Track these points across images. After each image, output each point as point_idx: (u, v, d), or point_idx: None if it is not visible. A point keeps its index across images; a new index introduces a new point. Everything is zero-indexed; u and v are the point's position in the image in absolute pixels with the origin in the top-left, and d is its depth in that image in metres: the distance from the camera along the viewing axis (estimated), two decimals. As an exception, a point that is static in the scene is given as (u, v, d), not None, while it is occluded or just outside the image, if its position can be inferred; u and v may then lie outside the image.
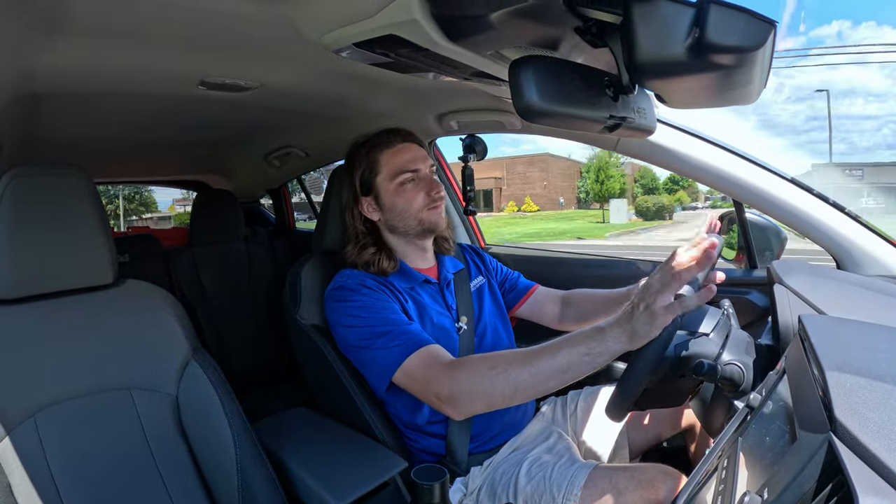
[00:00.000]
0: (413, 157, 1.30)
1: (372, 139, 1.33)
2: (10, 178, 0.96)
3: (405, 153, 1.30)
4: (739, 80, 0.65)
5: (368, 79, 1.31)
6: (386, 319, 1.15)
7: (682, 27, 0.57)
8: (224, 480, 1.04)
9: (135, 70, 1.15)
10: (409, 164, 1.29)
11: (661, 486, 1.00)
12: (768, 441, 0.60)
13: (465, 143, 1.74)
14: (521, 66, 0.68)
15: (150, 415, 1.04)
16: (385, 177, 1.29)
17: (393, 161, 1.29)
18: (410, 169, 1.29)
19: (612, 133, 0.82)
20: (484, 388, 0.97)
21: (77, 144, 1.85)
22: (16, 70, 1.04)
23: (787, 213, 1.31)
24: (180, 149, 2.31)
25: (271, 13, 0.89)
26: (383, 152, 1.30)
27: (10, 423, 0.92)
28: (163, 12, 0.88)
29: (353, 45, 0.92)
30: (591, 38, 0.75)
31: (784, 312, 0.94)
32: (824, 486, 0.43)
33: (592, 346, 0.89)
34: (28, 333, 0.98)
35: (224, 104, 1.49)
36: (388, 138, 1.32)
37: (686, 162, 1.36)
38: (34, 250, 0.98)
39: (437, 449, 1.25)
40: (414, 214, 1.29)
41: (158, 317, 1.12)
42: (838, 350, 0.59)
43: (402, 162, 1.29)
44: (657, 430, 1.37)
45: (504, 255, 2.02)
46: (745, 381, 0.86)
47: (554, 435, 1.30)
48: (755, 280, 1.52)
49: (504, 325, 1.44)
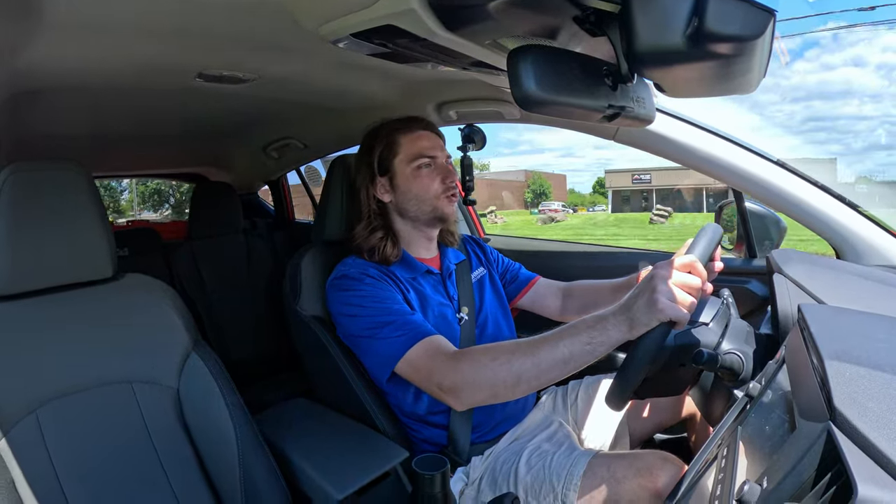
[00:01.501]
0: (432, 145, 1.31)
1: (393, 122, 1.34)
2: (8, 174, 0.96)
3: (425, 140, 1.31)
4: (739, 70, 0.64)
5: (367, 69, 1.31)
6: (389, 309, 1.16)
7: (681, 16, 0.57)
8: (226, 472, 1.05)
9: (132, 64, 1.14)
10: (427, 150, 1.30)
11: (660, 473, 1.01)
12: (768, 430, 0.60)
13: (463, 134, 1.74)
14: (520, 56, 0.67)
15: (152, 408, 1.05)
16: (403, 159, 1.30)
17: (413, 145, 1.30)
18: (429, 155, 1.29)
19: (611, 122, 0.81)
20: (487, 379, 0.97)
21: (75, 139, 1.84)
22: (12, 66, 1.03)
23: (786, 203, 1.31)
24: (178, 141, 2.29)
25: (269, 4, 0.88)
26: (404, 135, 1.31)
27: (12, 418, 0.93)
28: (159, 5, 0.87)
29: (350, 35, 0.92)
30: (589, 27, 0.75)
31: (783, 302, 0.94)
32: (823, 474, 0.43)
33: (594, 335, 0.89)
34: (28, 329, 0.98)
35: (222, 96, 1.48)
36: (409, 124, 1.33)
37: (685, 151, 1.36)
38: (33, 245, 0.98)
39: (439, 439, 1.25)
40: (429, 200, 1.29)
41: (158, 310, 1.12)
42: (837, 339, 0.59)
43: (421, 147, 1.30)
44: (657, 419, 1.38)
45: (505, 247, 2.02)
46: (744, 371, 0.87)
47: (554, 424, 1.31)
48: (754, 269, 1.52)
49: (505, 316, 1.44)
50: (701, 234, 0.98)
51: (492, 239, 2.29)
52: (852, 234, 1.26)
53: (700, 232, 0.98)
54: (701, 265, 0.90)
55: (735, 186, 1.42)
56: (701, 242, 0.96)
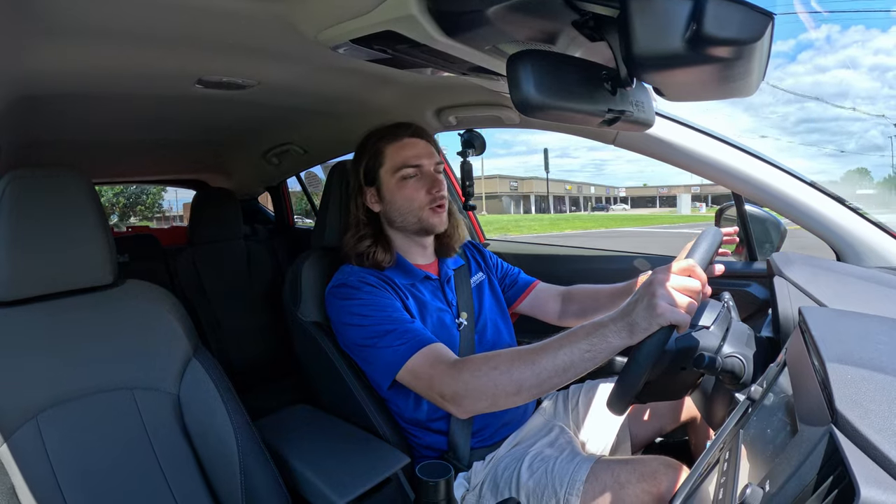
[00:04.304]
0: (417, 153, 1.30)
1: (381, 130, 1.33)
2: (9, 180, 0.96)
3: (410, 148, 1.30)
4: (738, 73, 0.64)
5: (366, 75, 1.31)
6: (389, 318, 1.15)
7: (679, 20, 0.57)
8: (227, 479, 1.04)
9: (131, 70, 1.14)
10: (411, 160, 1.28)
11: (664, 478, 1.01)
12: (769, 433, 0.60)
13: (463, 139, 1.74)
14: (519, 61, 0.68)
15: (153, 414, 1.05)
16: (387, 169, 1.29)
17: (397, 154, 1.29)
18: (413, 164, 1.28)
19: (611, 127, 0.81)
20: (487, 388, 0.97)
21: (75, 145, 1.84)
22: (12, 72, 1.03)
23: (786, 206, 1.31)
24: (178, 148, 2.30)
25: (268, 10, 0.88)
26: (389, 144, 1.30)
27: (12, 424, 0.92)
28: (159, 12, 0.87)
29: (350, 41, 0.92)
30: (588, 32, 0.75)
31: (784, 304, 0.94)
32: (826, 477, 0.43)
33: (594, 342, 0.89)
34: (29, 335, 0.98)
35: (222, 102, 1.48)
36: (396, 132, 1.32)
37: (685, 154, 1.36)
38: (34, 252, 0.98)
39: (439, 445, 1.25)
40: (414, 212, 1.28)
41: (159, 316, 1.12)
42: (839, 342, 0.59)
43: (405, 156, 1.29)
44: (658, 423, 1.38)
45: (504, 251, 2.02)
46: (745, 374, 0.86)
47: (556, 429, 1.31)
48: (755, 272, 1.52)
49: (504, 321, 1.44)
50: (701, 237, 0.98)
51: (491, 243, 2.29)
52: (852, 237, 1.26)
53: (700, 235, 0.98)
54: (700, 269, 0.90)
55: (735, 189, 1.42)
56: (701, 246, 0.96)
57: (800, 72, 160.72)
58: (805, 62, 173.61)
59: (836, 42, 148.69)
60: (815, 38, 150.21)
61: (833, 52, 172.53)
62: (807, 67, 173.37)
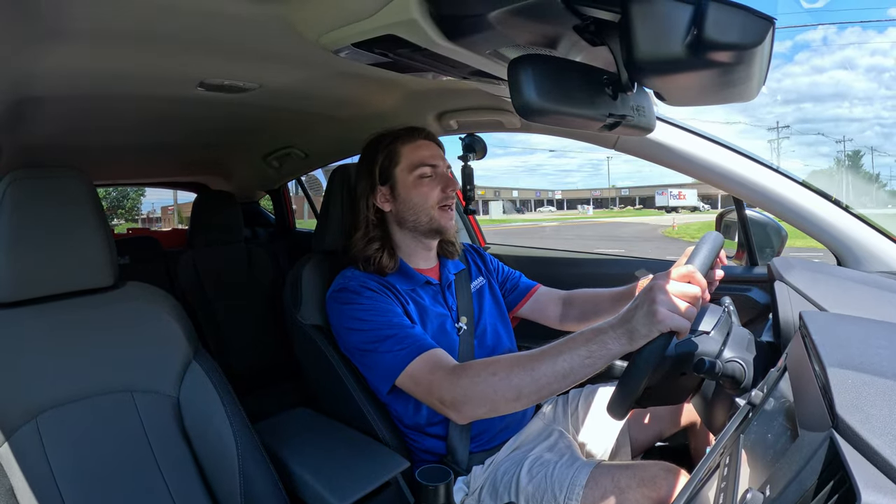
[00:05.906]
0: (433, 154, 1.32)
1: (394, 132, 1.35)
2: (9, 181, 0.96)
3: (426, 149, 1.32)
4: (738, 78, 0.65)
5: (368, 79, 1.31)
6: (390, 323, 1.15)
7: (680, 25, 0.57)
8: (226, 481, 1.04)
9: (133, 72, 1.15)
10: (428, 159, 1.31)
11: (664, 483, 1.00)
12: (770, 438, 0.60)
13: (464, 143, 1.74)
14: (520, 65, 0.68)
15: (152, 416, 1.05)
16: (404, 168, 1.30)
17: (414, 154, 1.31)
18: (430, 163, 1.30)
19: (612, 131, 0.82)
20: (487, 394, 0.97)
21: (76, 146, 1.84)
22: (15, 73, 1.04)
23: (787, 210, 1.31)
24: (179, 150, 2.30)
25: (269, 14, 0.89)
26: (405, 145, 1.32)
27: (12, 425, 0.92)
28: (161, 14, 0.87)
29: (351, 45, 0.92)
30: (589, 37, 0.75)
31: (785, 309, 0.94)
32: (826, 482, 0.43)
33: (593, 348, 0.89)
34: (29, 336, 0.98)
35: (223, 105, 1.48)
36: (411, 133, 1.34)
37: (686, 159, 1.36)
38: (34, 253, 0.98)
39: (439, 449, 1.25)
40: (427, 210, 1.29)
41: (159, 318, 1.12)
42: (839, 347, 0.59)
43: (422, 155, 1.31)
44: (658, 427, 1.37)
45: (505, 255, 2.01)
46: (746, 379, 0.86)
47: (555, 433, 1.30)
48: (756, 277, 1.52)
49: (504, 325, 1.44)
50: (701, 242, 0.98)
51: (491, 247, 2.29)
52: (853, 241, 1.26)
53: (700, 241, 0.98)
54: (700, 274, 0.89)
55: (736, 194, 1.42)
56: (701, 251, 0.96)
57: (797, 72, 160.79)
58: (802, 63, 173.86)
59: (833, 43, 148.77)
60: (812, 38, 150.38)
61: (830, 54, 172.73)
62: (804, 68, 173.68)
